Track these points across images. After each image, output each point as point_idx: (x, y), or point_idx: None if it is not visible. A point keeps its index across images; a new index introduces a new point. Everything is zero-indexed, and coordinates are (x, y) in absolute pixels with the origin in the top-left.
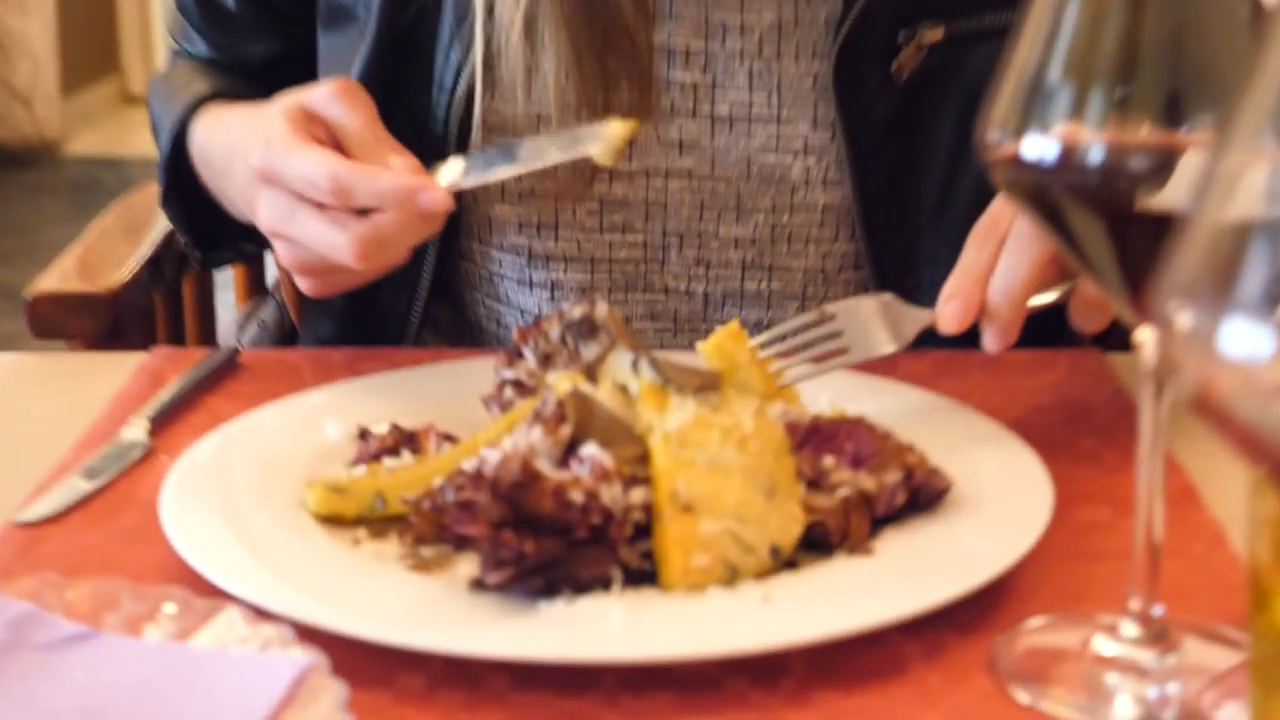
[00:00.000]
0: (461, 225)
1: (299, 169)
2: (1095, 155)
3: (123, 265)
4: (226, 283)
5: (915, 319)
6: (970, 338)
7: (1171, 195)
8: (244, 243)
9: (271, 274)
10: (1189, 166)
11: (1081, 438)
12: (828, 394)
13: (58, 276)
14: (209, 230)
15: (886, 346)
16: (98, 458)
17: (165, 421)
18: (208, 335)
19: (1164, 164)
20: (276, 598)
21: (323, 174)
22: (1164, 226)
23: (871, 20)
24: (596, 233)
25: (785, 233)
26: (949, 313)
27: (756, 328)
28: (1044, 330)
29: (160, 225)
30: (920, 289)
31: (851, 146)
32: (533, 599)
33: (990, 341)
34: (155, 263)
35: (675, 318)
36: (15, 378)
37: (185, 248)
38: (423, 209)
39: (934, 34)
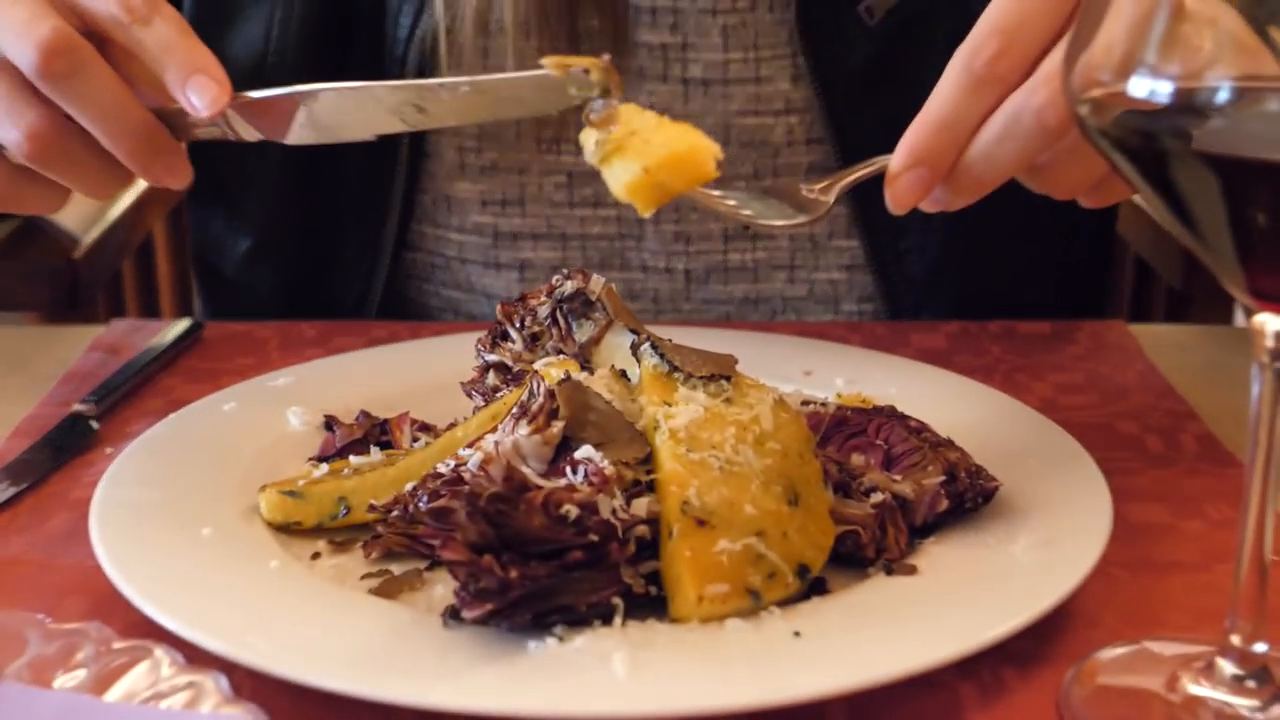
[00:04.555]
0: (415, 209)
1: None
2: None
3: (83, 223)
4: None
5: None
6: (980, 307)
7: None
8: None
9: None
10: None
11: (1120, 422)
12: (843, 375)
13: (5, 238)
14: None
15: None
16: (34, 448)
17: (114, 405)
18: (185, 302)
19: None
20: (213, 632)
21: None
22: None
23: None
24: (566, 207)
25: None
26: (906, 187)
27: (744, 303)
28: (1055, 290)
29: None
30: (911, 254)
31: (829, 100)
32: (519, 636)
33: (932, 201)
34: (121, 225)
35: (655, 297)
36: None
37: None
38: (193, 88)
39: None
